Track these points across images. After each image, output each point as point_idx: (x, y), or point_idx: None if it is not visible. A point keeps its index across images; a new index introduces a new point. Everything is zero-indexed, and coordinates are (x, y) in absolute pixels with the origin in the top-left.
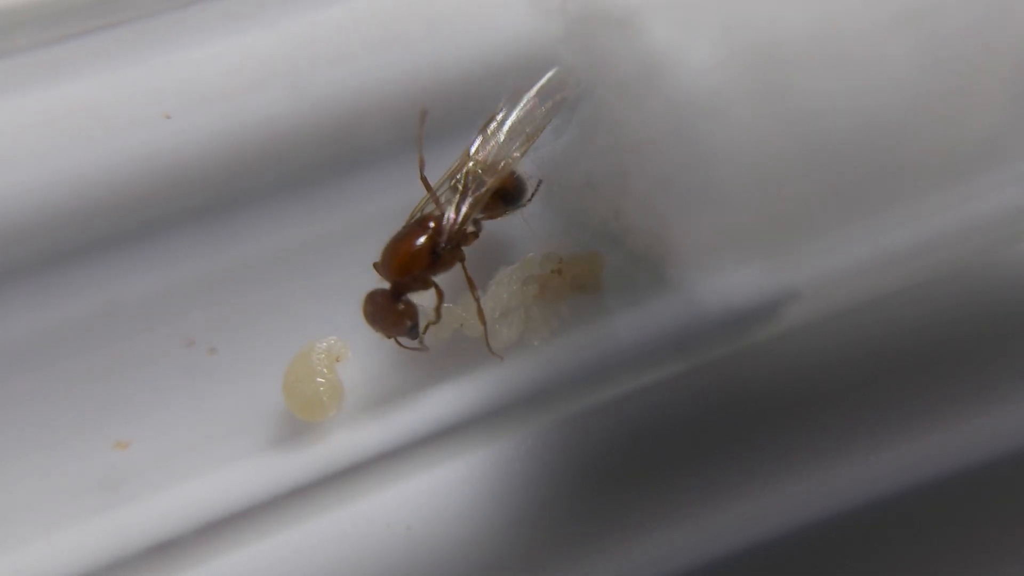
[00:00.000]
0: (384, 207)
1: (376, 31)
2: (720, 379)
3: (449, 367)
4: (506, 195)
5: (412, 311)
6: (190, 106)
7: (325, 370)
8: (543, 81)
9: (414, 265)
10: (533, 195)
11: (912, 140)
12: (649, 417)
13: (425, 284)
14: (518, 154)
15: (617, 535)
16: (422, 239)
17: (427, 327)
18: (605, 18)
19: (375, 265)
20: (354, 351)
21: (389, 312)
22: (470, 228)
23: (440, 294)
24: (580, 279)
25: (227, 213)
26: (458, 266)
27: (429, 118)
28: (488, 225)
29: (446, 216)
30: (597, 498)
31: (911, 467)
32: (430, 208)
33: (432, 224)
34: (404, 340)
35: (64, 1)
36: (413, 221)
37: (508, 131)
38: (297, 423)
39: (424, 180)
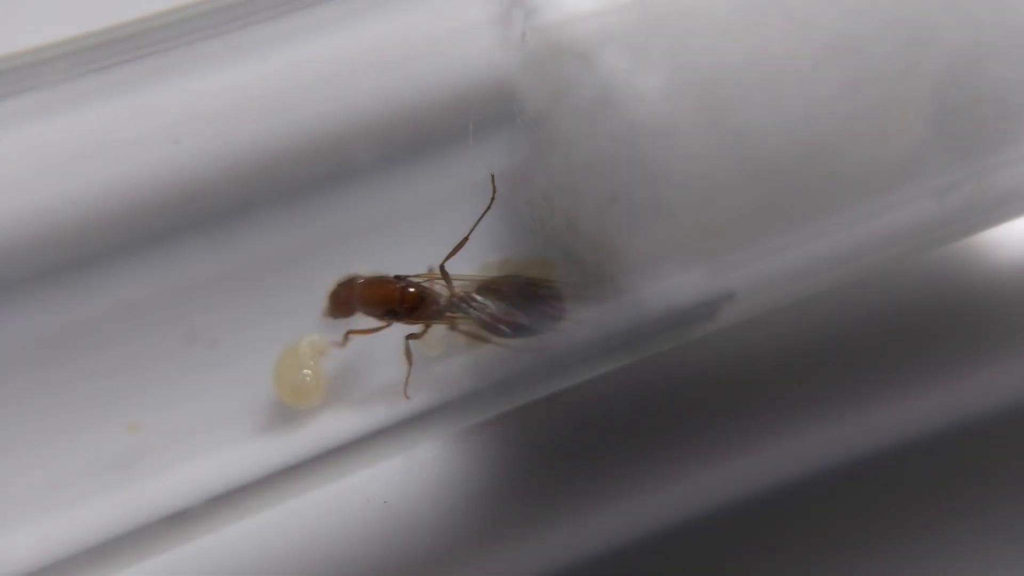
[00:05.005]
0: (365, 217)
1: (358, 65)
2: (663, 371)
3: (421, 357)
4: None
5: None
6: (196, 132)
7: (311, 362)
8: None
9: (376, 301)
10: (493, 199)
11: (838, 157)
12: (600, 404)
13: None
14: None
15: (572, 508)
16: (392, 289)
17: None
18: (562, 50)
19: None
20: (335, 346)
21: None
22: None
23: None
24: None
25: (227, 224)
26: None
27: (407, 136)
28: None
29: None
30: (555, 474)
31: (830, 448)
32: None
33: (412, 289)
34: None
35: (88, 41)
36: (388, 276)
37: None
38: (287, 410)
39: (442, 270)
